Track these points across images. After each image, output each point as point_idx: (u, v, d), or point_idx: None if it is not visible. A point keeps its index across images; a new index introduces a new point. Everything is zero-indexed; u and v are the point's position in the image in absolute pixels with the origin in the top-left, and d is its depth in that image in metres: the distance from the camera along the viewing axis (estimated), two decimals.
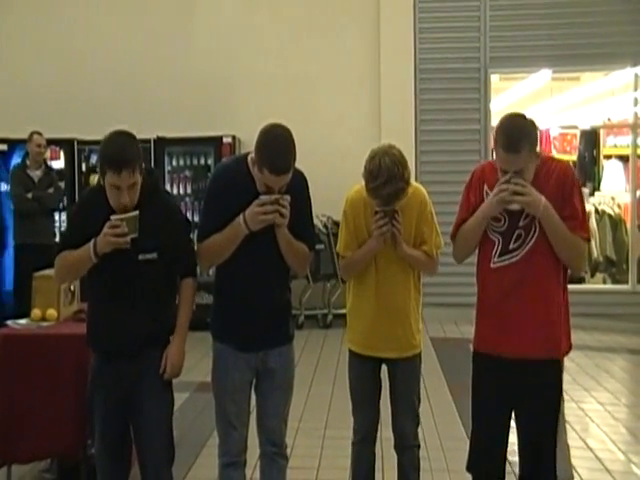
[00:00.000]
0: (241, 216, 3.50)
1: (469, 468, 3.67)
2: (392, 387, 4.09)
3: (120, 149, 3.50)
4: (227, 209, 3.55)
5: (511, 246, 3.48)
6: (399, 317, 3.98)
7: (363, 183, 3.86)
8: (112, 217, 3.47)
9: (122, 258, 3.54)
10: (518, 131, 3.38)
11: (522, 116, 3.51)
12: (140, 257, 3.58)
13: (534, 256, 3.45)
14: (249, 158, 3.61)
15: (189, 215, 10.42)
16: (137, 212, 3.50)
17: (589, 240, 3.55)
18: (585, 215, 3.52)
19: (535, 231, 3.45)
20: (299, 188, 3.66)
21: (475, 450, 3.64)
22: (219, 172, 3.86)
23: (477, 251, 3.64)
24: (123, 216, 3.48)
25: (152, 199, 3.66)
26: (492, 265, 3.52)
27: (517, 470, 3.68)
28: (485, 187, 3.57)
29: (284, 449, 3.82)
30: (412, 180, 3.89)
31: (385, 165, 3.72)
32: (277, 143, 3.46)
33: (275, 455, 3.77)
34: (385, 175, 3.71)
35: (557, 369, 3.56)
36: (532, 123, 3.45)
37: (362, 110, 11.03)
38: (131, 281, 3.60)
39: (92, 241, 3.50)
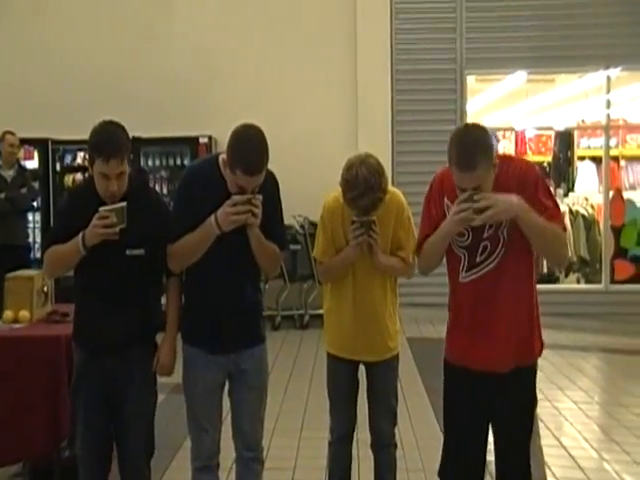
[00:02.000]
0: (212, 217, 3.46)
1: (441, 475, 3.59)
2: (370, 388, 4.11)
3: (109, 138, 3.52)
4: (198, 210, 3.51)
5: (478, 259, 3.36)
6: (376, 321, 4.00)
7: (340, 189, 3.87)
8: (100, 209, 3.47)
9: (109, 253, 3.55)
10: (472, 147, 3.16)
11: (475, 127, 3.33)
12: (127, 252, 3.58)
13: (503, 267, 3.32)
14: (220, 159, 3.58)
15: None
16: (125, 203, 3.50)
17: (565, 230, 3.44)
18: (558, 207, 3.38)
19: (502, 241, 3.32)
20: (270, 188, 3.63)
21: (448, 461, 3.55)
22: (190, 173, 3.79)
23: (446, 263, 3.53)
24: (111, 207, 3.48)
25: (141, 195, 3.69)
26: (461, 280, 3.42)
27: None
28: (445, 200, 3.41)
29: (260, 453, 3.79)
30: (389, 185, 3.91)
31: (362, 175, 3.73)
32: (250, 144, 3.42)
33: (251, 460, 3.74)
34: (362, 186, 3.72)
35: (530, 374, 3.49)
36: (486, 133, 3.24)
37: (339, 111, 11.04)
38: (118, 277, 3.61)
39: (81, 233, 3.51)
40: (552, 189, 3.05)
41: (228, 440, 3.76)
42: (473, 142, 3.17)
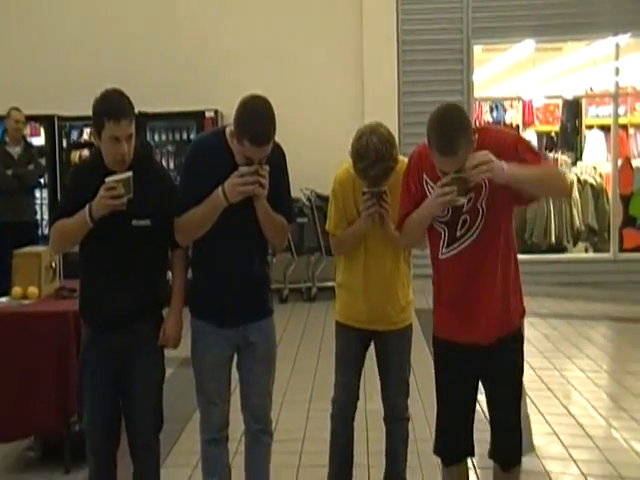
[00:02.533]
0: (220, 188, 3.43)
1: (436, 451, 3.61)
2: (381, 359, 4.10)
3: (116, 100, 3.57)
4: (205, 182, 3.49)
5: (458, 234, 3.34)
6: (388, 292, 3.99)
7: (350, 160, 3.84)
8: (107, 179, 3.46)
9: (116, 224, 3.54)
10: (452, 130, 3.11)
11: (453, 109, 3.23)
12: (134, 223, 3.58)
13: (483, 240, 3.32)
14: (227, 131, 3.55)
15: None
16: (131, 173, 3.48)
17: (554, 165, 3.45)
18: (539, 154, 3.39)
19: (481, 213, 3.30)
20: (277, 161, 3.61)
21: (441, 434, 3.57)
22: (196, 145, 3.76)
23: (427, 239, 3.52)
24: (118, 177, 3.47)
25: (146, 167, 3.69)
26: (441, 256, 3.41)
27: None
28: (424, 176, 3.38)
29: (269, 425, 3.81)
30: (399, 154, 3.88)
31: (373, 145, 3.70)
32: (257, 114, 3.39)
33: (260, 432, 3.76)
34: (373, 156, 3.69)
35: (515, 342, 3.49)
36: (464, 114, 3.21)
37: (345, 82, 10.99)
38: (124, 248, 3.61)
39: (87, 206, 3.50)
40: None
41: (237, 412, 3.78)
42: (453, 126, 3.13)
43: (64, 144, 10.52)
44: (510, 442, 3.50)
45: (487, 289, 3.35)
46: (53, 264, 5.27)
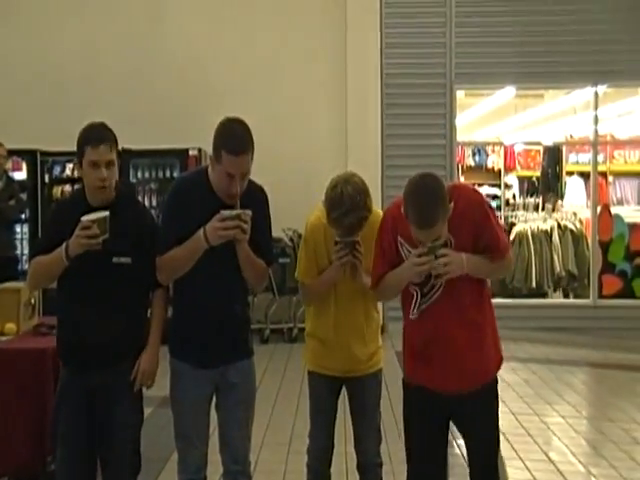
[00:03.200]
0: (201, 230, 3.44)
1: None
2: (353, 406, 4.09)
3: (97, 128, 3.63)
4: (187, 221, 3.50)
5: (426, 289, 3.38)
6: (358, 341, 3.97)
7: (322, 208, 3.86)
8: (83, 218, 3.44)
9: (96, 261, 3.53)
10: (429, 204, 3.13)
11: (429, 179, 3.23)
12: (114, 260, 3.56)
13: (449, 293, 3.35)
14: (208, 169, 3.59)
15: None
16: (107, 213, 3.47)
17: (510, 248, 3.55)
18: (502, 231, 3.48)
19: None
20: (259, 202, 3.65)
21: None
22: (178, 184, 3.78)
23: (400, 296, 3.53)
24: (93, 217, 3.46)
25: (127, 204, 3.70)
26: (411, 316, 3.43)
27: None
28: (399, 238, 3.40)
29: (247, 467, 3.77)
30: (374, 199, 3.91)
31: (347, 194, 3.70)
32: (233, 126, 3.50)
33: (238, 474, 3.72)
34: (348, 204, 3.69)
35: (490, 390, 3.49)
36: (440, 184, 3.22)
37: (328, 125, 11.05)
38: (104, 286, 3.58)
39: (64, 243, 3.49)
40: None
41: (215, 454, 3.74)
42: (431, 199, 3.15)
43: (46, 179, 10.48)
44: None
45: (460, 340, 3.36)
46: (32, 300, 5.23)
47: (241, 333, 3.74)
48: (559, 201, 12.53)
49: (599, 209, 11.39)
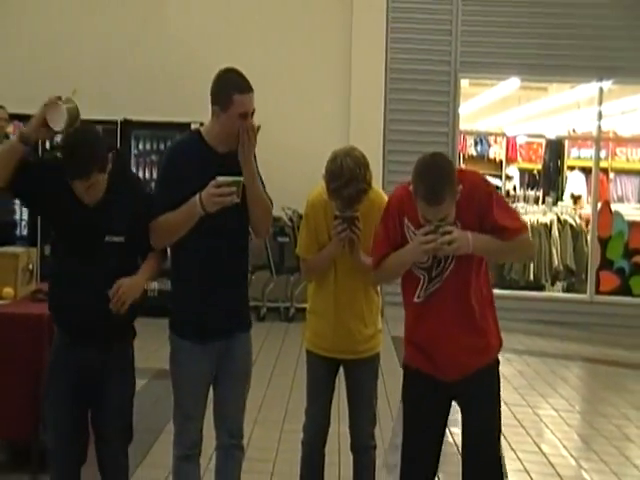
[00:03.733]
0: (197, 196, 3.41)
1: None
2: (350, 387, 4.08)
3: (77, 158, 3.39)
4: (185, 183, 3.48)
5: (434, 274, 3.37)
6: (357, 320, 3.97)
7: (324, 184, 3.83)
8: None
9: (88, 239, 3.48)
10: (439, 181, 3.14)
11: (440, 158, 3.27)
12: (107, 238, 3.50)
13: (455, 277, 3.34)
14: (201, 130, 3.66)
15: None
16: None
17: (525, 228, 3.46)
18: (511, 210, 3.45)
19: (453, 256, 3.31)
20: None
21: (407, 463, 3.49)
22: (173, 147, 3.79)
23: (401, 280, 3.50)
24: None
25: (121, 182, 3.59)
26: (416, 300, 3.41)
27: None
28: (405, 220, 3.38)
29: (241, 440, 3.79)
30: (375, 183, 3.91)
31: (347, 166, 3.71)
32: (235, 72, 3.67)
33: (232, 447, 3.74)
34: (347, 176, 3.70)
35: (492, 370, 3.48)
36: (451, 164, 3.28)
37: (331, 108, 10.99)
38: (96, 264, 3.51)
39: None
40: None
41: (209, 429, 3.72)
42: (440, 176, 3.16)
43: (47, 146, 10.41)
44: (490, 471, 3.43)
45: (463, 327, 3.35)
46: (30, 266, 5.18)
47: (240, 307, 3.74)
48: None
49: (599, 205, 11.37)
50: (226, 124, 3.51)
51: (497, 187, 13.35)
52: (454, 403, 3.49)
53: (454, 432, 3.50)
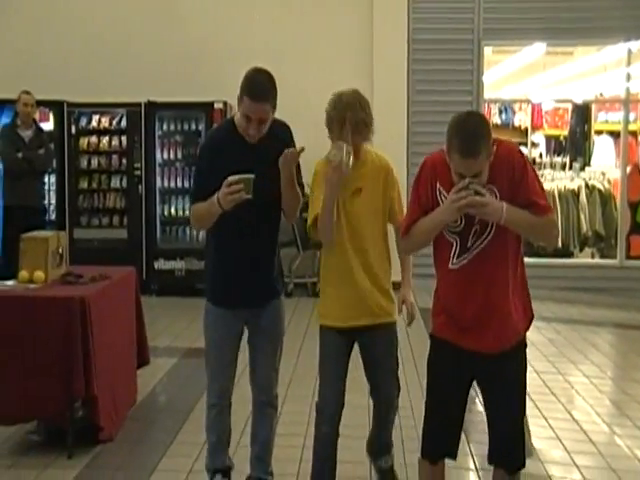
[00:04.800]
0: (215, 196, 3.67)
1: (424, 452, 3.52)
2: (365, 358, 4.06)
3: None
4: (221, 167, 3.73)
5: (469, 244, 3.32)
6: (369, 284, 3.93)
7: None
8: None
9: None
10: (474, 134, 3.13)
11: (475, 115, 3.32)
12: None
13: (492, 248, 3.30)
14: (235, 117, 3.86)
15: (179, 181, 10.38)
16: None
17: (552, 210, 3.41)
18: (543, 191, 3.37)
19: (492, 225, 3.28)
20: (285, 137, 3.91)
21: (429, 435, 3.49)
22: (209, 135, 4.18)
23: (433, 248, 3.48)
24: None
25: None
26: (450, 266, 3.36)
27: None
28: (438, 185, 3.35)
29: (274, 399, 4.13)
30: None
31: (346, 96, 3.85)
32: (258, 77, 3.74)
33: (262, 404, 4.09)
34: (345, 102, 3.81)
35: (519, 350, 3.45)
36: (486, 121, 3.26)
37: (354, 80, 10.81)
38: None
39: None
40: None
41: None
42: (476, 129, 3.16)
43: (73, 130, 10.49)
44: (514, 447, 3.44)
45: (497, 299, 3.32)
46: (60, 249, 5.25)
47: (271, 277, 4.01)
48: None
49: (629, 169, 11.24)
50: (238, 118, 3.81)
51: None
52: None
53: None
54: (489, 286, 3.31)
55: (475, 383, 3.51)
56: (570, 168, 12.20)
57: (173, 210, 10.44)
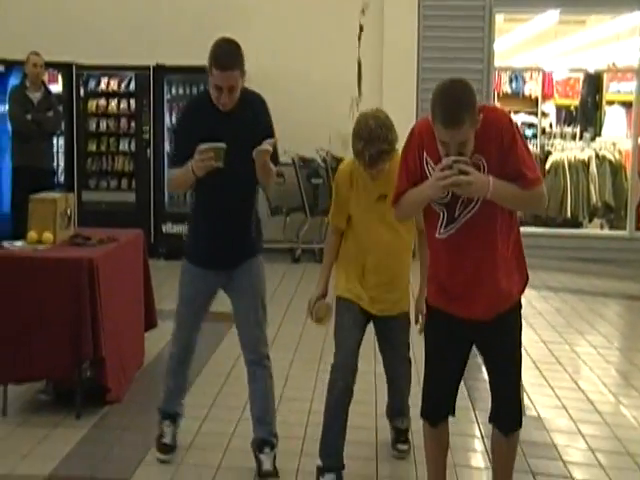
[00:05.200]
0: (190, 163, 3.81)
1: (423, 414, 3.55)
2: (382, 335, 4.23)
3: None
4: (196, 134, 3.88)
5: (456, 214, 3.27)
6: (390, 281, 4.09)
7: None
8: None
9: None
10: (457, 103, 3.04)
11: (459, 83, 3.15)
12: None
13: (481, 217, 3.24)
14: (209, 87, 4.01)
15: None
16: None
17: (541, 181, 3.30)
18: (532, 159, 3.29)
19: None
20: (256, 107, 4.05)
21: (428, 398, 3.52)
22: (186, 105, 4.49)
23: (423, 216, 3.48)
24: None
25: None
26: (438, 236, 3.33)
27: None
28: (425, 154, 3.28)
29: (264, 357, 4.15)
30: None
31: (368, 127, 3.83)
32: (222, 45, 3.90)
33: (254, 364, 4.14)
34: (367, 136, 3.81)
35: (513, 312, 3.43)
36: (471, 89, 3.13)
37: (364, 46, 10.83)
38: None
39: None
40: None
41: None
42: (459, 97, 3.07)
43: (81, 92, 10.43)
44: (511, 409, 3.46)
45: (487, 267, 3.29)
46: (68, 211, 5.23)
47: (250, 238, 4.12)
48: None
49: None
50: (210, 89, 3.93)
51: (532, 124, 13.20)
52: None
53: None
54: (477, 256, 3.28)
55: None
56: (580, 138, 12.13)
57: None
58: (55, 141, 9.78)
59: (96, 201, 10.19)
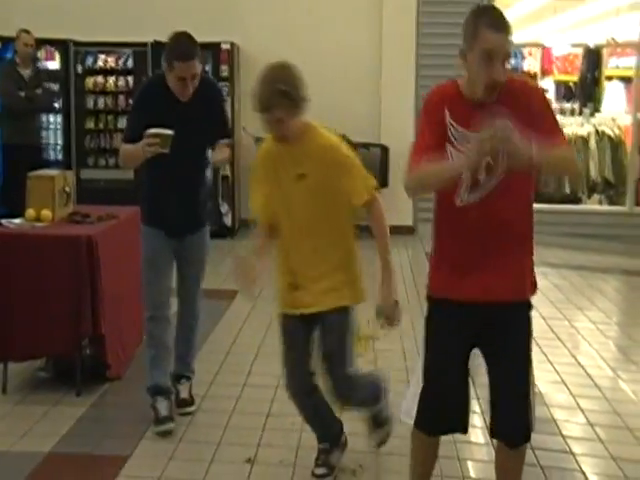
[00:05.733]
0: (139, 144, 4.04)
1: (418, 425, 3.24)
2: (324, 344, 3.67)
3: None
4: (150, 115, 4.14)
5: (480, 178, 2.97)
6: (327, 270, 3.61)
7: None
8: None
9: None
10: (501, 13, 3.08)
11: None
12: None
13: (504, 186, 2.96)
14: (166, 77, 4.19)
15: None
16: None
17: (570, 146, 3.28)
18: (562, 130, 3.07)
19: (503, 158, 2.83)
20: (212, 94, 4.39)
21: (426, 406, 3.19)
22: (143, 86, 4.67)
23: None
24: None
25: None
26: (459, 203, 3.01)
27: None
28: (447, 114, 2.99)
29: (196, 309, 4.63)
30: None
31: (268, 67, 3.45)
32: (178, 38, 4.16)
33: (186, 315, 4.63)
34: (264, 77, 3.40)
35: (525, 311, 3.16)
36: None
37: (363, 26, 10.75)
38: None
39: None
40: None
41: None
42: (501, 11, 3.12)
43: (79, 70, 10.38)
44: (517, 420, 3.12)
45: (506, 242, 3.04)
46: (67, 188, 5.21)
47: (198, 210, 4.46)
48: None
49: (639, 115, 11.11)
50: (171, 82, 4.16)
51: None
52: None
53: None
54: (500, 227, 3.01)
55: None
56: (580, 114, 12.07)
57: None
58: (52, 119, 9.76)
59: (95, 179, 10.19)
